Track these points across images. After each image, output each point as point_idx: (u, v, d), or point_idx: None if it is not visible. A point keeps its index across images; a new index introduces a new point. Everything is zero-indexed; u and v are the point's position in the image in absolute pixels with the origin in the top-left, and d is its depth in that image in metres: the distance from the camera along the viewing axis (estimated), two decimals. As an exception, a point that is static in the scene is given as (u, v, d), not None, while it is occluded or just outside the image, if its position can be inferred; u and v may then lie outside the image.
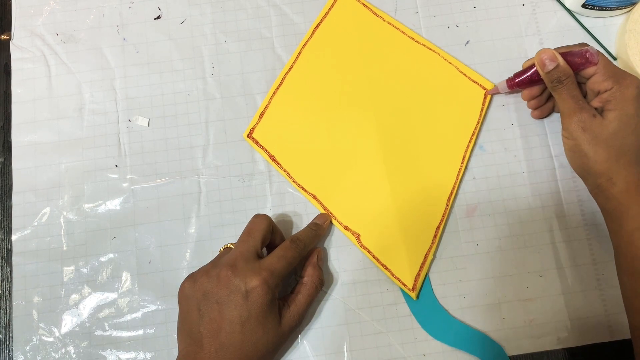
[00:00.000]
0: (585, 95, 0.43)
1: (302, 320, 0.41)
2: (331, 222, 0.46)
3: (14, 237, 0.46)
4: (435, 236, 0.45)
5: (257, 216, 0.42)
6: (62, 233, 0.46)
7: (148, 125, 0.48)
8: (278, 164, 0.47)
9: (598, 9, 0.49)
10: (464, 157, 0.47)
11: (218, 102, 0.49)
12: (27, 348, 0.44)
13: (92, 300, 0.45)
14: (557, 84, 0.41)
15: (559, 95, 0.41)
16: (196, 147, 0.48)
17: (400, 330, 0.44)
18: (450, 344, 0.43)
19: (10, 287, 0.45)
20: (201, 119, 0.49)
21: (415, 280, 0.44)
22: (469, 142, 0.47)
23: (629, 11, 0.50)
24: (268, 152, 0.47)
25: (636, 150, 0.40)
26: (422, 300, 0.44)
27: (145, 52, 0.50)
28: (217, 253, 0.43)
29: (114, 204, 0.47)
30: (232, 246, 0.42)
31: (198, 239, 0.46)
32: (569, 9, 0.50)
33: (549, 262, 0.45)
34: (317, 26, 0.50)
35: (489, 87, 0.48)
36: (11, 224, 0.46)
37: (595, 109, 0.41)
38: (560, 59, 0.41)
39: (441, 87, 0.48)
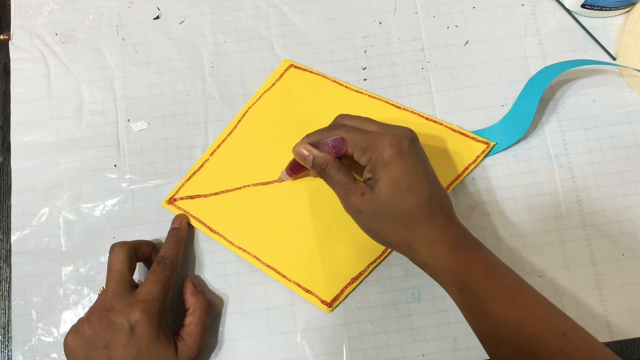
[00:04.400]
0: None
1: (202, 349, 0.41)
2: (189, 221, 0.46)
3: (13, 237, 0.46)
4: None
5: (112, 249, 0.41)
6: (61, 233, 0.46)
7: (148, 126, 0.48)
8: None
9: (597, 9, 0.49)
10: None
11: (217, 102, 0.49)
12: (26, 348, 0.44)
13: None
14: (321, 172, 0.40)
15: (328, 183, 0.40)
16: (195, 147, 0.48)
17: (399, 331, 0.44)
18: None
19: (9, 287, 0.45)
20: (200, 118, 0.49)
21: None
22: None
23: (628, 11, 0.49)
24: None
25: (420, 208, 0.37)
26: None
27: (145, 52, 0.50)
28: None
29: (113, 204, 0.47)
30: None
31: (197, 239, 0.46)
32: (568, 9, 0.50)
33: (548, 263, 0.45)
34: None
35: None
36: (10, 224, 0.46)
37: (370, 179, 0.38)
38: (315, 151, 0.39)
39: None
